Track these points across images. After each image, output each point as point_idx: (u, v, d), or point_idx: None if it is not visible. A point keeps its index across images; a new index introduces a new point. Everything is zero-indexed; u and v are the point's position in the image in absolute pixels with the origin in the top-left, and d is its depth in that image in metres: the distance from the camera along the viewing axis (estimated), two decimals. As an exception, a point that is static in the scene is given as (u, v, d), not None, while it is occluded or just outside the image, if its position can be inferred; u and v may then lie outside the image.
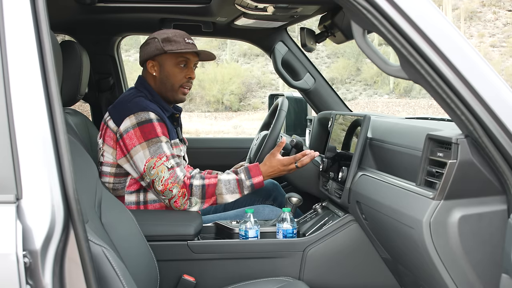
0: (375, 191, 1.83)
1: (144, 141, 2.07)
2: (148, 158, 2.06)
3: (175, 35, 2.23)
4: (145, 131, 2.08)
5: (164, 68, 2.24)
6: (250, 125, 15.91)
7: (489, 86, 1.27)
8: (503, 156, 1.28)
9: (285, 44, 2.90)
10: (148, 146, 2.06)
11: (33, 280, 1.01)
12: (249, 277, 1.99)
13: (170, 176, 2.05)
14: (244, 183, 2.13)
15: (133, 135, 2.08)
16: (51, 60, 1.08)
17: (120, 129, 2.12)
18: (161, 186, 2.05)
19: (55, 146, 1.06)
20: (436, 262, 1.43)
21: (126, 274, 1.21)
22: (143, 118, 2.10)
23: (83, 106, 4.17)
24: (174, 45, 2.20)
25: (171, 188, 2.05)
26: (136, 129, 2.08)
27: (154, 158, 2.06)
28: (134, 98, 2.18)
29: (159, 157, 2.06)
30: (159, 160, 2.06)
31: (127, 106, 2.15)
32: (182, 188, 2.06)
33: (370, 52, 1.40)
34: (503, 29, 23.64)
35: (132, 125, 2.09)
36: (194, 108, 20.46)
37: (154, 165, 2.05)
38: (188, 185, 2.07)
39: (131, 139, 2.09)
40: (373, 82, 21.64)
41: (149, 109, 2.12)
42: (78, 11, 2.68)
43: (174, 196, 2.05)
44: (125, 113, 2.12)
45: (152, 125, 2.10)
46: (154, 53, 2.22)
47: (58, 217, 1.04)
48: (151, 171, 2.06)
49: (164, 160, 2.06)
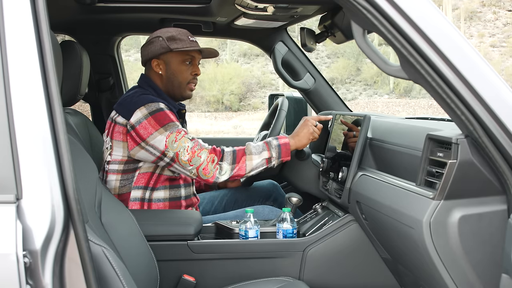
0: (375, 191, 1.83)
1: (161, 127, 2.09)
2: (168, 134, 2.08)
3: (179, 33, 2.24)
4: (159, 119, 2.10)
5: (170, 66, 2.25)
6: (250, 125, 15.91)
7: (489, 86, 1.27)
8: (503, 156, 1.28)
9: (285, 44, 2.90)
10: (165, 129, 2.09)
11: (33, 280, 1.01)
12: (249, 277, 1.99)
13: (195, 145, 2.09)
14: (271, 142, 2.18)
15: (147, 124, 2.09)
16: (51, 60, 1.08)
17: (131, 121, 2.12)
18: (187, 155, 2.06)
19: (55, 146, 1.06)
20: (436, 262, 1.43)
21: (126, 274, 1.21)
22: (154, 107, 2.12)
23: (83, 106, 4.17)
24: (179, 43, 2.22)
25: (199, 154, 2.07)
26: (150, 118, 2.09)
27: (174, 133, 2.08)
28: (141, 95, 2.19)
29: (178, 132, 2.09)
30: (179, 134, 2.09)
31: (135, 101, 2.16)
32: (211, 153, 2.08)
33: (370, 52, 1.40)
34: (503, 29, 23.65)
35: (144, 115, 2.10)
36: (194, 108, 20.45)
37: (175, 138, 2.08)
38: (219, 151, 2.11)
39: (146, 129, 2.09)
40: (373, 82, 21.64)
41: (157, 101, 2.15)
42: (78, 11, 2.68)
43: (202, 162, 2.06)
44: (135, 107, 2.13)
45: (164, 113, 2.12)
46: (159, 51, 2.24)
47: (58, 217, 1.04)
48: (174, 145, 2.07)
49: (184, 134, 2.10)
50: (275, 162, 2.19)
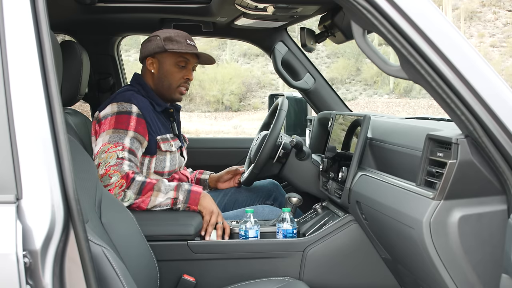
0: (375, 191, 1.83)
1: (111, 129, 2.10)
2: (105, 142, 2.07)
3: (177, 35, 2.25)
4: (118, 121, 2.11)
5: (163, 67, 2.26)
6: (250, 125, 15.91)
7: (489, 86, 1.27)
8: (503, 156, 1.28)
9: (285, 44, 2.90)
10: (113, 133, 2.09)
11: (33, 280, 1.01)
12: (249, 277, 1.99)
13: (116, 164, 2.03)
14: (183, 186, 2.08)
15: (108, 121, 2.12)
16: (51, 60, 1.08)
17: (100, 114, 2.17)
18: (103, 170, 2.02)
19: (55, 146, 1.06)
20: (436, 262, 1.43)
21: (126, 274, 1.21)
22: (124, 108, 2.13)
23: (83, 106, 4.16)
24: (175, 45, 2.22)
25: (111, 175, 2.01)
26: (113, 117, 2.12)
27: (110, 144, 2.06)
28: (122, 92, 2.23)
29: (115, 145, 2.06)
30: (113, 147, 2.06)
31: (113, 96, 2.21)
32: (122, 179, 2.01)
33: (370, 52, 1.40)
34: (503, 29, 23.64)
35: (112, 112, 2.13)
36: (194, 108, 20.46)
37: (107, 150, 2.06)
38: (130, 178, 2.01)
39: (105, 124, 2.12)
40: (373, 82, 21.64)
41: (133, 102, 2.15)
42: (78, 11, 2.68)
43: (111, 183, 2.00)
44: (110, 101, 2.18)
45: (128, 117, 2.12)
46: (154, 50, 2.24)
47: (58, 217, 1.04)
48: (102, 155, 2.06)
49: (119, 150, 2.06)
50: (180, 206, 2.07)
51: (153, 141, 2.19)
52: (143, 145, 2.15)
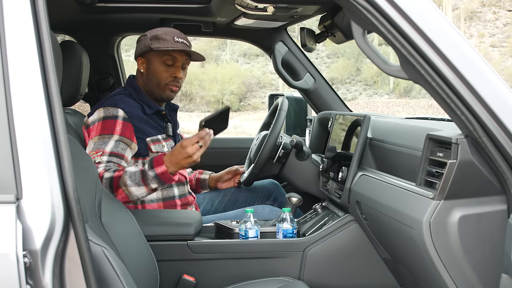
0: (375, 191, 1.83)
1: (97, 135, 2.11)
2: (90, 151, 2.09)
3: (164, 33, 2.22)
4: (105, 126, 2.11)
5: (150, 66, 2.26)
6: (250, 125, 15.91)
7: (489, 86, 1.27)
8: (503, 156, 1.28)
9: (285, 44, 2.90)
10: (98, 139, 2.10)
11: (33, 280, 1.01)
12: (249, 277, 1.99)
13: None
14: (147, 174, 1.98)
15: (95, 128, 2.13)
16: (51, 60, 1.08)
17: (88, 120, 2.18)
18: None
19: (55, 146, 1.06)
20: (436, 262, 1.43)
21: (126, 274, 1.21)
22: (110, 113, 2.14)
23: (83, 106, 4.16)
24: (161, 43, 2.20)
25: None
26: (99, 123, 2.13)
27: (92, 152, 2.08)
28: (114, 95, 2.24)
29: (96, 151, 2.07)
30: (94, 154, 2.07)
31: (102, 101, 2.22)
32: None
33: (370, 52, 1.40)
34: (503, 29, 23.64)
35: (98, 118, 2.14)
36: (194, 108, 20.44)
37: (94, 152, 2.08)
38: (101, 177, 1.97)
39: (92, 131, 2.14)
40: (373, 82, 21.63)
41: (119, 106, 2.15)
42: (78, 11, 2.68)
43: None
44: (98, 106, 2.19)
45: (114, 122, 2.12)
46: (142, 50, 2.25)
47: (58, 217, 1.04)
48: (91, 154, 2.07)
49: (98, 155, 2.06)
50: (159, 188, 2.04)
51: (142, 144, 2.19)
52: (131, 146, 2.14)
